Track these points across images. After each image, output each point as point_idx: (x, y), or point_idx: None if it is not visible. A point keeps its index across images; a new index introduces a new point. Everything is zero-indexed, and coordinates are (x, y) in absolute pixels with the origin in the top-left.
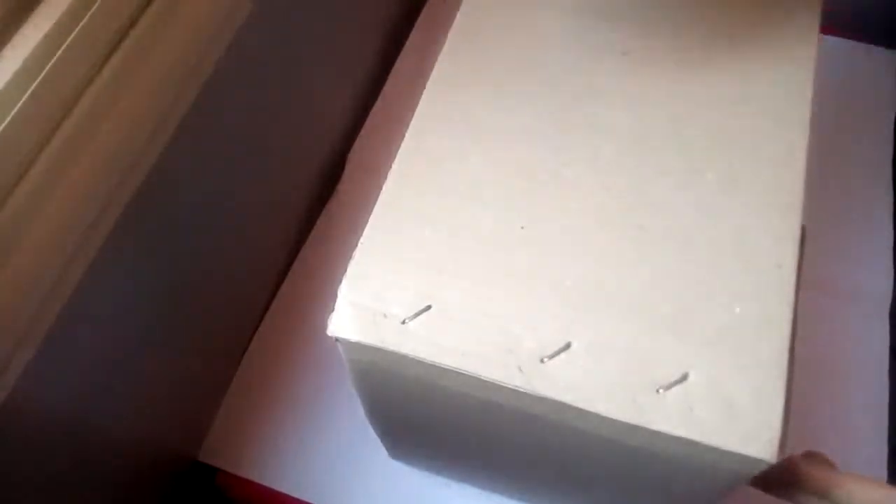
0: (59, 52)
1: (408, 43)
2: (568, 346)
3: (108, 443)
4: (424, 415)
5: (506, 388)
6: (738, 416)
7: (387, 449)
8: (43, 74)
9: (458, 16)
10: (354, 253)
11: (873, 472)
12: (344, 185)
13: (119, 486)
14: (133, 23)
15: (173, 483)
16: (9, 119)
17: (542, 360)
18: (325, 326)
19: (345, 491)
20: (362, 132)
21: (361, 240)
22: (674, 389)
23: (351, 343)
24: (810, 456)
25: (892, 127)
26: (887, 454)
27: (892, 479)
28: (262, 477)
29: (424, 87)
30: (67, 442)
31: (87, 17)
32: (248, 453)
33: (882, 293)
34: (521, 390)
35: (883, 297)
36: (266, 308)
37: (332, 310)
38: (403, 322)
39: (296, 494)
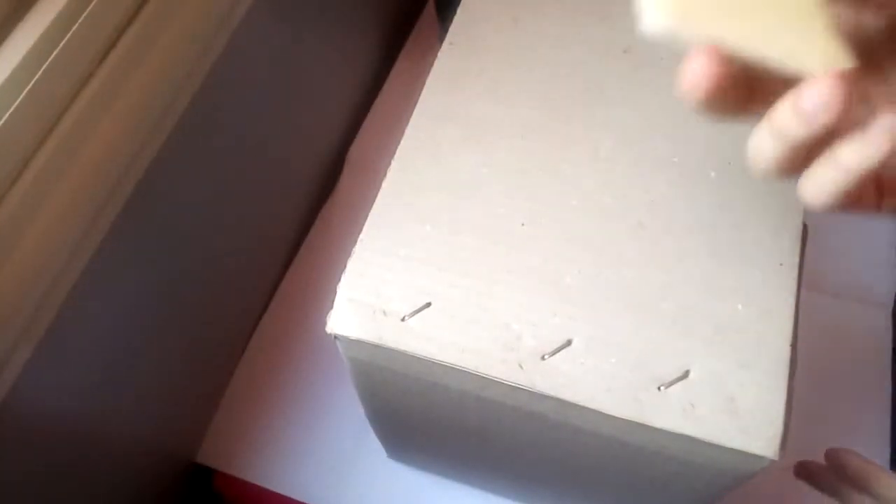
0: (57, 49)
1: (407, 42)
2: (569, 342)
3: (105, 443)
4: (424, 413)
5: (506, 385)
6: (740, 413)
7: (386, 449)
8: (40, 72)
9: (458, 14)
10: (353, 250)
11: None
12: (343, 185)
13: (116, 487)
14: (130, 20)
15: (171, 484)
16: (7, 116)
17: (542, 357)
18: (324, 325)
19: (344, 492)
20: (361, 132)
21: (360, 237)
22: (675, 386)
23: (350, 340)
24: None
25: None
26: (889, 455)
27: None
28: (260, 478)
29: (423, 86)
30: (65, 441)
31: (84, 14)
32: (246, 454)
33: (883, 293)
34: (522, 387)
35: (884, 297)
36: (265, 307)
37: (331, 307)
38: (403, 319)
39: (294, 496)
